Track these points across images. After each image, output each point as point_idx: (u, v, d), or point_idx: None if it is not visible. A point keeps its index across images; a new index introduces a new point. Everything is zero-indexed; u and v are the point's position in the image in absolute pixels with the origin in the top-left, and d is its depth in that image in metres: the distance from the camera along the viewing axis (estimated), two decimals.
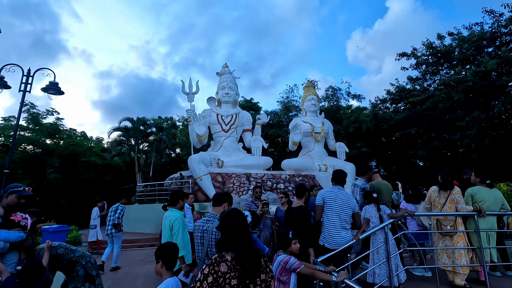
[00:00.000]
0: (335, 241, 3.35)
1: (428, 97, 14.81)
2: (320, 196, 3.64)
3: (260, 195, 5.64)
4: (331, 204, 3.48)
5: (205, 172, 12.80)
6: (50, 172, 16.32)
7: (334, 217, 3.42)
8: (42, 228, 6.46)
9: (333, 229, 3.40)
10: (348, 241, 3.40)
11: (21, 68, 7.45)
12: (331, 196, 3.53)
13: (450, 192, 3.67)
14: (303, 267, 2.51)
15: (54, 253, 3.11)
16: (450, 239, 3.58)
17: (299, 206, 3.77)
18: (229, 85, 16.23)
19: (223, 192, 2.82)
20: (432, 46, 18.28)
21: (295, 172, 14.80)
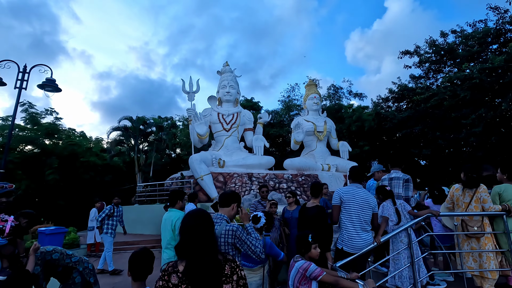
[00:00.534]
0: (355, 245, 3.07)
1: (433, 95, 14.57)
2: (337, 195, 3.33)
3: (266, 195, 5.34)
4: (349, 203, 3.19)
5: (206, 172, 12.56)
6: (48, 172, 16.04)
7: (354, 218, 3.13)
8: (38, 230, 6.19)
9: (353, 231, 3.11)
10: (369, 244, 3.12)
11: (17, 64, 7.18)
12: (349, 195, 3.23)
13: (475, 190, 3.39)
14: (325, 274, 2.25)
15: (48, 259, 2.84)
16: (476, 241, 3.30)
17: (315, 206, 3.47)
18: (230, 84, 16.00)
19: (231, 192, 2.55)
20: (435, 44, 18.06)
21: (298, 172, 14.58)
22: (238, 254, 2.23)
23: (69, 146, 17.13)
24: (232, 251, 2.17)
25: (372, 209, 3.21)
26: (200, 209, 1.77)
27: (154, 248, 8.33)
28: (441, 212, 3.48)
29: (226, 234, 2.16)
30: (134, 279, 1.92)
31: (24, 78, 7.18)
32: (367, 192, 3.29)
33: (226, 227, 2.18)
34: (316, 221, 3.28)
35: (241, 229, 2.20)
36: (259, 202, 5.18)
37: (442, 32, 17.90)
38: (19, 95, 6.95)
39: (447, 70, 18.61)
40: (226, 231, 2.16)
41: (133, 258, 1.96)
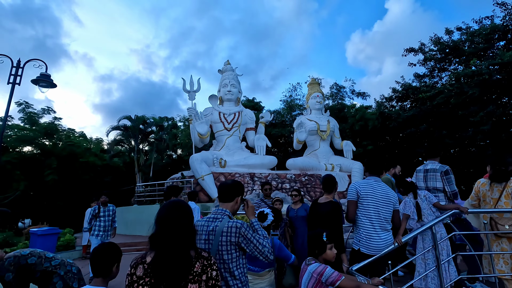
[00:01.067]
0: (374, 245, 2.71)
1: (439, 92, 14.23)
2: (353, 189, 2.96)
3: (270, 193, 4.96)
4: (367, 199, 2.82)
5: (207, 172, 12.29)
6: (47, 173, 15.79)
7: (372, 215, 2.76)
8: (30, 231, 5.88)
9: (371, 230, 2.74)
10: (389, 245, 2.76)
11: (10, 58, 6.93)
12: (367, 189, 2.85)
13: (505, 184, 3.05)
14: (344, 279, 1.92)
15: (23, 263, 2.52)
16: (507, 242, 2.95)
17: (329, 202, 3.09)
18: (231, 83, 15.77)
19: (233, 182, 2.16)
20: (440, 41, 17.75)
21: (301, 172, 14.28)
22: (242, 255, 1.93)
23: (68, 146, 16.86)
24: (235, 252, 1.86)
25: (393, 206, 2.85)
26: (178, 199, 1.66)
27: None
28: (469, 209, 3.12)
29: (228, 232, 1.84)
30: (95, 274, 1.81)
31: (18, 73, 6.90)
32: (386, 186, 2.92)
33: (228, 223, 1.88)
34: (331, 219, 2.92)
35: (246, 226, 1.90)
36: (262, 201, 4.84)
37: (447, 29, 17.60)
38: (12, 91, 6.68)
39: (452, 68, 18.30)
40: (229, 228, 1.85)
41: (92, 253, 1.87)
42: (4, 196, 14.51)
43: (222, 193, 2.09)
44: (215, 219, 1.95)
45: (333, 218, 2.94)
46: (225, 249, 1.84)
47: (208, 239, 1.88)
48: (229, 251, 1.84)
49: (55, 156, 16.48)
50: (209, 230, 1.90)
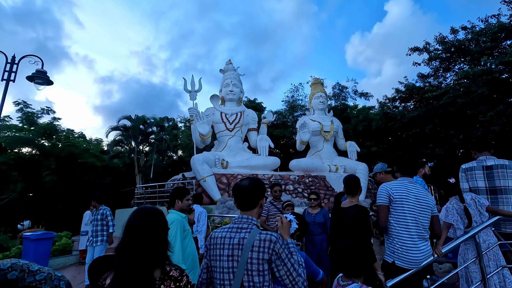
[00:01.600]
0: (412, 258, 2.33)
1: (445, 92, 13.93)
2: (384, 191, 2.58)
3: (280, 195, 4.57)
4: (403, 203, 2.44)
5: (209, 173, 12.02)
6: (46, 174, 15.48)
7: (409, 222, 2.39)
8: (24, 235, 5.55)
9: (408, 240, 2.36)
10: (428, 257, 2.38)
11: (5, 54, 6.64)
12: (401, 192, 2.49)
13: None
14: None
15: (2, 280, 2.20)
16: None
17: (354, 206, 2.72)
18: (233, 82, 15.56)
19: (251, 181, 1.73)
20: (445, 41, 17.49)
21: (304, 173, 14.00)
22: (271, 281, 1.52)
23: (67, 147, 16.56)
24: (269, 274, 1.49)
25: (431, 211, 2.48)
26: (151, 207, 1.43)
27: None
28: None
29: (261, 247, 1.46)
30: None
31: (13, 70, 6.63)
32: (422, 188, 2.56)
33: (260, 235, 1.51)
34: (357, 225, 2.54)
35: (282, 242, 1.54)
36: (271, 204, 4.50)
37: (453, 29, 17.34)
38: (6, 88, 6.39)
39: (457, 68, 18.03)
40: (261, 242, 1.48)
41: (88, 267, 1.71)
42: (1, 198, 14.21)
43: (242, 198, 1.67)
44: (241, 229, 1.56)
45: (360, 225, 2.57)
46: (255, 269, 1.45)
47: (233, 255, 1.50)
48: (261, 272, 1.46)
49: (54, 157, 16.20)
50: (234, 243, 1.51)
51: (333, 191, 13.62)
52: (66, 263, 6.68)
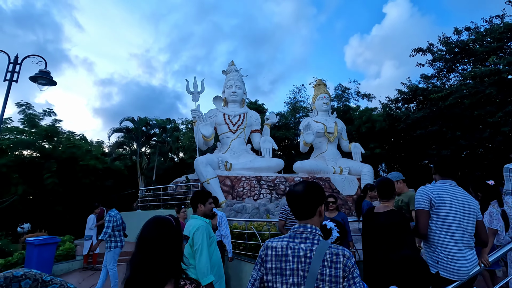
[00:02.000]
0: (459, 268, 2.12)
1: (451, 92, 13.79)
2: (424, 195, 2.36)
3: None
4: (446, 208, 2.24)
5: (213, 175, 11.88)
6: (47, 176, 15.29)
7: (454, 229, 2.18)
8: (27, 240, 5.36)
9: (454, 248, 2.16)
10: (475, 267, 2.18)
11: (7, 54, 6.50)
12: (444, 196, 2.28)
13: None
14: None
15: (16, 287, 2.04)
16: None
17: (390, 212, 2.46)
18: (236, 84, 15.47)
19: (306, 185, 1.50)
20: (448, 41, 17.41)
21: (309, 175, 13.86)
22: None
23: (68, 148, 16.36)
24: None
25: (476, 216, 2.28)
26: (164, 216, 1.37)
27: None
28: None
29: (333, 261, 1.27)
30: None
31: (16, 70, 6.48)
32: (465, 192, 2.36)
33: (332, 249, 1.32)
34: (399, 233, 2.28)
35: (354, 259, 1.35)
36: None
37: (456, 29, 17.25)
38: (9, 88, 6.25)
39: (461, 69, 17.93)
40: (334, 256, 1.29)
41: None
42: (1, 200, 14.01)
43: (297, 206, 1.46)
44: (305, 240, 1.36)
45: (400, 233, 2.29)
46: (327, 286, 1.25)
47: (298, 269, 1.30)
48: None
49: (55, 159, 16.02)
50: (299, 256, 1.31)
51: (338, 193, 13.46)
52: (70, 268, 6.48)
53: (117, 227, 5.13)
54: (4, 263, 5.25)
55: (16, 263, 5.43)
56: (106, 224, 5.06)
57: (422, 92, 17.29)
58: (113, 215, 5.12)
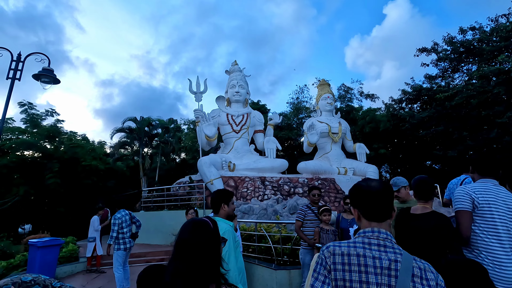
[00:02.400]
0: (506, 275, 1.94)
1: (457, 92, 13.63)
2: (464, 195, 2.17)
3: (318, 199, 4.12)
4: (491, 209, 2.06)
5: (217, 176, 11.73)
6: (49, 176, 15.17)
7: (501, 232, 2.01)
8: (29, 242, 5.20)
9: (502, 253, 1.98)
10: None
11: (10, 52, 6.38)
12: (488, 196, 2.11)
13: None
14: None
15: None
16: None
17: (431, 213, 2.23)
18: (239, 83, 15.34)
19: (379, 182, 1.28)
20: (453, 41, 17.28)
21: (313, 176, 13.72)
22: None
23: (71, 148, 16.22)
24: None
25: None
26: (202, 219, 1.30)
27: (162, 261, 7.34)
28: None
29: (425, 278, 1.05)
30: None
31: (18, 68, 6.35)
32: (509, 192, 2.17)
33: (417, 262, 1.11)
34: (441, 237, 2.07)
35: None
36: (308, 208, 4.09)
37: (461, 29, 17.12)
38: (11, 86, 6.12)
39: (466, 68, 17.78)
40: (423, 272, 1.07)
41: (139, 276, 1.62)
42: (3, 201, 13.88)
43: (376, 204, 1.22)
44: (384, 247, 1.14)
45: (444, 237, 2.08)
46: None
47: (381, 284, 1.07)
48: None
49: (57, 160, 15.89)
50: (383, 267, 1.08)
51: (343, 194, 13.29)
52: (73, 271, 6.32)
53: (121, 229, 4.99)
54: (6, 265, 5.10)
55: (18, 265, 5.29)
56: (111, 227, 4.96)
57: (427, 92, 17.13)
58: (118, 217, 5.01)
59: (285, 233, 4.87)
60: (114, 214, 5.16)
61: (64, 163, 15.98)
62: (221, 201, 2.45)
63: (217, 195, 2.54)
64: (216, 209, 2.48)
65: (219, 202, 2.45)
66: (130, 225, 5.13)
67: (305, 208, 4.06)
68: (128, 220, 5.08)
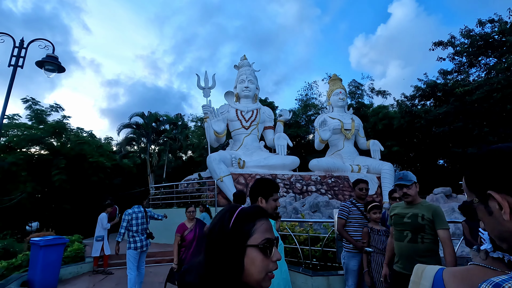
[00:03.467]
0: None
1: (478, 86, 12.96)
2: None
3: (366, 194, 3.55)
4: None
5: (226, 173, 11.30)
6: (55, 173, 14.90)
7: None
8: (31, 240, 4.80)
9: None
10: None
11: (12, 37, 5.99)
12: None
13: None
14: None
15: None
16: None
17: None
18: (249, 78, 14.95)
19: None
20: (470, 34, 16.58)
21: (326, 173, 13.22)
22: None
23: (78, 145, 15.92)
24: None
25: None
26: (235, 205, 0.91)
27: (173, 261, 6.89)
28: None
29: None
30: None
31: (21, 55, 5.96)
32: None
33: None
34: None
35: None
36: (353, 204, 3.55)
37: (480, 21, 16.41)
38: (13, 73, 5.74)
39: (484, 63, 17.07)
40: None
41: None
42: (9, 198, 13.65)
43: None
44: None
45: None
46: None
47: None
48: None
49: (64, 156, 15.63)
50: None
51: None
52: (79, 272, 5.92)
53: (130, 226, 4.59)
54: (7, 266, 4.72)
55: (20, 265, 4.90)
56: (121, 223, 4.63)
57: (443, 87, 16.44)
58: (129, 212, 4.63)
59: (312, 233, 4.37)
60: (126, 209, 4.78)
61: (71, 159, 15.71)
62: (259, 193, 1.85)
63: (256, 185, 1.94)
64: (252, 202, 1.92)
65: (256, 195, 1.87)
66: (144, 223, 4.73)
67: (349, 204, 3.50)
68: (140, 218, 4.67)
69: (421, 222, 2.43)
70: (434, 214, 2.42)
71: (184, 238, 4.04)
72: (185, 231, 4.11)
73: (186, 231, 4.12)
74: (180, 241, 4.05)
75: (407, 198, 2.53)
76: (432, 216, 2.41)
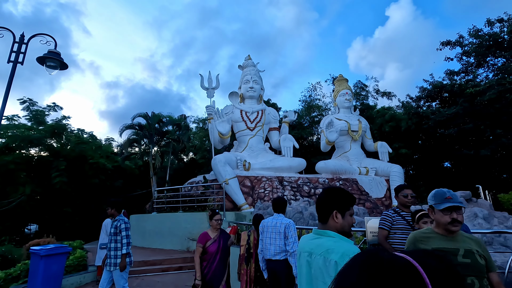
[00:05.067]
0: None
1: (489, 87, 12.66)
2: None
3: (412, 201, 3.10)
4: None
5: (232, 175, 11.00)
6: (55, 175, 14.52)
7: None
8: (31, 250, 4.42)
9: None
10: None
11: (12, 32, 5.68)
12: None
13: None
14: None
15: None
16: None
17: None
18: (253, 79, 14.64)
19: None
20: (479, 34, 16.33)
21: (333, 176, 12.88)
22: None
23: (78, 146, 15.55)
24: None
25: None
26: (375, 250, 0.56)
27: (181, 269, 6.55)
28: None
29: None
30: None
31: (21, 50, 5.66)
32: None
33: None
34: None
35: None
36: (397, 213, 3.11)
37: (489, 20, 16.17)
38: (13, 69, 5.43)
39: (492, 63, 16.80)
40: None
41: None
42: (8, 201, 13.27)
43: None
44: None
45: None
46: None
47: None
48: None
49: (64, 157, 15.27)
50: None
51: (368, 196, 12.42)
52: (82, 282, 5.55)
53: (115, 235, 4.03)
54: (4, 277, 4.35)
55: (18, 276, 4.53)
56: (125, 233, 4.01)
57: (451, 87, 16.13)
58: (127, 221, 4.08)
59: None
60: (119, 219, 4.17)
61: (71, 161, 15.35)
62: (334, 206, 1.46)
63: (330, 196, 1.52)
64: (322, 217, 1.50)
65: (331, 209, 1.46)
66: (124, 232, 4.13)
67: (392, 213, 3.08)
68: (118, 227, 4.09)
69: (481, 262, 1.75)
70: (485, 249, 1.81)
71: (206, 249, 3.53)
72: (207, 242, 3.60)
73: (209, 241, 3.61)
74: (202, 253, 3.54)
75: (456, 227, 1.79)
76: (483, 251, 1.79)
